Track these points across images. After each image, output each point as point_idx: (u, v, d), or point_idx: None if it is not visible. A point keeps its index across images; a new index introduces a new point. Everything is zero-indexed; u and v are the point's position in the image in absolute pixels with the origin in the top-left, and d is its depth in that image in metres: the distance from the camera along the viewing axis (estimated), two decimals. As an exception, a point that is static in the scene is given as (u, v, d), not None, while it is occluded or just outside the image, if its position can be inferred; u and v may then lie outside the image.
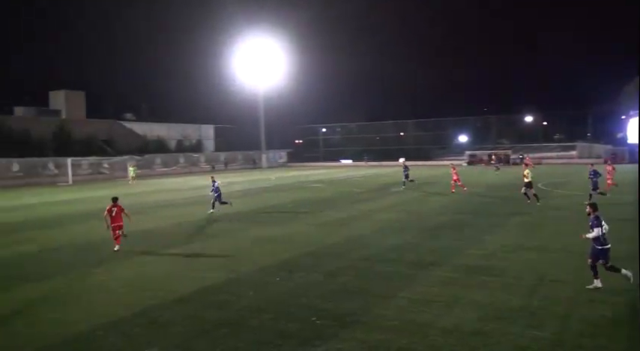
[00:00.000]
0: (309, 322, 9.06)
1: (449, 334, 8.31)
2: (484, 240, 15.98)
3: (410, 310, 9.54)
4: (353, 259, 13.86)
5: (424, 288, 10.92)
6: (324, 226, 19.82)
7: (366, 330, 8.58)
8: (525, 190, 24.05)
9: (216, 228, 19.90)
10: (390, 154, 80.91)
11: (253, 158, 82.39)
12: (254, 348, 8.02)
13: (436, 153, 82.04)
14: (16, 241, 18.39)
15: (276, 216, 22.95)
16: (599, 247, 10.44)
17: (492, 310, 9.40)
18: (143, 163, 65.12)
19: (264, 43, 74.75)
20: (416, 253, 14.28)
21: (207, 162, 75.78)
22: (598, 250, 10.44)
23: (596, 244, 10.48)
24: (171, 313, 9.81)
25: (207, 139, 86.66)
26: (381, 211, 23.62)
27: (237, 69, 77.98)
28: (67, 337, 8.74)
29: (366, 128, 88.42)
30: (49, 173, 54.96)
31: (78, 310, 10.18)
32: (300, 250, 15.16)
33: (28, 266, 14.27)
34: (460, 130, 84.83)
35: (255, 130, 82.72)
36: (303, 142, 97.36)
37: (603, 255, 10.43)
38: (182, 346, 8.21)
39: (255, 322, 9.13)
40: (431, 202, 26.58)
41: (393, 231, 18.06)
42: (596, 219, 10.55)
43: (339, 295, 10.62)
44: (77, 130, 64.33)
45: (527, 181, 24.05)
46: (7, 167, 51.74)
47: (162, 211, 26.08)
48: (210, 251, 15.58)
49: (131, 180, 49.41)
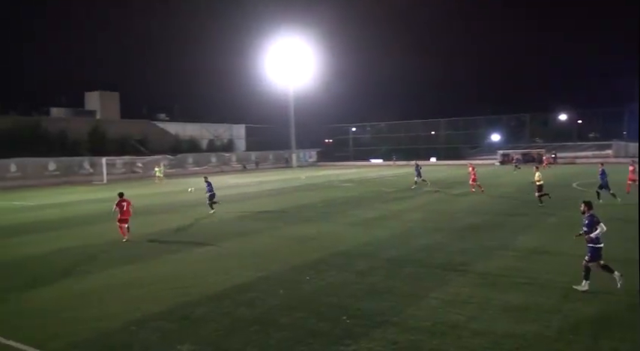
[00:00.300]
0: (339, 321, 9.06)
1: (481, 335, 8.21)
2: (517, 241, 15.72)
3: (441, 311, 9.45)
4: (383, 258, 13.80)
5: (455, 289, 10.81)
6: (354, 225, 19.78)
7: (397, 330, 8.53)
8: (539, 193, 23.97)
9: (247, 226, 20.06)
10: (420, 154, 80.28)
11: (285, 157, 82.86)
12: (285, 346, 8.07)
13: (468, 152, 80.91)
14: (54, 238, 18.89)
15: (306, 215, 23.01)
16: (593, 246, 10.34)
17: (525, 312, 9.25)
18: (176, 163, 66.18)
19: (294, 43, 75.05)
20: (447, 254, 14.13)
21: (238, 161, 76.49)
22: (593, 250, 10.34)
23: (591, 243, 10.37)
24: (202, 310, 9.94)
25: (238, 139, 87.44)
26: (411, 211, 23.45)
27: (267, 69, 78.54)
28: (102, 332, 8.94)
29: (396, 127, 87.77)
30: (84, 172, 56.26)
31: (112, 306, 10.40)
32: (330, 250, 15.17)
33: (65, 262, 14.62)
34: (492, 129, 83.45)
35: (286, 129, 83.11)
36: (333, 142, 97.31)
37: (597, 254, 10.35)
38: (214, 343, 8.31)
39: (286, 321, 9.18)
40: (462, 202, 26.26)
41: (424, 231, 17.92)
42: (591, 217, 10.44)
43: (370, 294, 10.59)
44: (112, 130, 65.66)
45: (538, 184, 23.99)
46: (44, 166, 53.17)
47: (194, 209, 26.41)
48: (241, 249, 15.71)
49: (157, 180, 50.20)
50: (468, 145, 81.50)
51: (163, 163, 56.40)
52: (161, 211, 25.87)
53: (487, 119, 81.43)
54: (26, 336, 8.83)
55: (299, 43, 75.23)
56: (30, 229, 21.01)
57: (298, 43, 75.16)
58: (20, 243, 17.95)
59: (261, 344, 8.16)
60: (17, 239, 18.75)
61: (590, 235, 10.34)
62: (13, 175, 50.51)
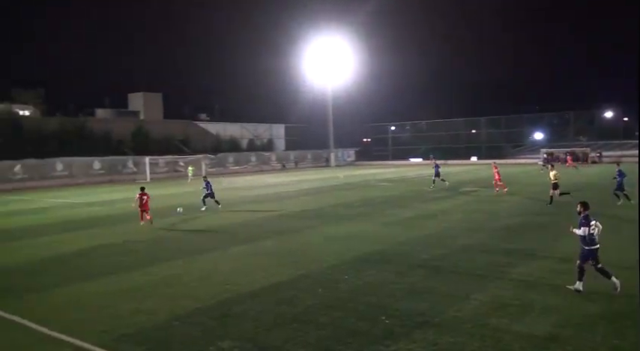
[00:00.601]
0: (378, 321, 9.04)
1: (523, 339, 8.04)
2: (561, 242, 15.30)
3: (482, 312, 9.30)
4: (423, 258, 13.68)
5: (497, 290, 10.62)
6: (393, 224, 19.67)
7: (437, 331, 8.45)
8: (553, 192, 23.85)
9: (286, 225, 20.20)
10: (460, 153, 79.15)
11: (324, 157, 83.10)
12: (324, 344, 8.10)
13: (510, 151, 79.23)
14: (98, 234, 19.47)
15: (344, 214, 23.01)
16: (586, 247, 10.25)
17: (569, 315, 9.01)
18: (216, 162, 67.24)
19: (333, 42, 75.09)
20: (488, 255, 13.90)
21: (277, 161, 77.10)
22: (586, 251, 10.24)
23: (583, 244, 10.26)
24: (243, 307, 10.08)
25: (277, 138, 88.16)
26: (451, 210, 23.15)
27: (306, 68, 78.87)
28: (145, 327, 9.17)
29: (436, 126, 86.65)
30: (128, 171, 57.81)
31: (154, 302, 10.65)
32: (368, 249, 15.14)
33: (111, 258, 15.07)
34: (535, 127, 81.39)
35: (324, 129, 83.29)
36: (371, 141, 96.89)
37: (592, 256, 10.21)
38: (253, 339, 8.41)
39: (325, 319, 9.21)
40: (504, 202, 25.75)
41: (465, 231, 17.67)
42: (585, 218, 10.31)
43: (409, 294, 10.52)
44: (154, 131, 67.20)
45: (553, 182, 24.02)
46: (89, 165, 54.87)
47: (234, 207, 26.78)
48: (280, 248, 15.85)
49: (190, 179, 51.11)
50: (510, 144, 79.73)
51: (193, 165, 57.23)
52: (202, 209, 26.30)
53: (529, 117, 79.47)
54: (72, 329, 9.15)
55: (338, 42, 75.24)
56: (76, 226, 21.73)
57: (337, 41, 75.17)
58: (66, 239, 18.58)
59: (300, 342, 8.22)
60: (62, 236, 19.42)
61: (575, 230, 10.44)
62: (60, 174, 52.39)
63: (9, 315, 10.06)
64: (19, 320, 9.78)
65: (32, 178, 49.77)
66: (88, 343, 8.46)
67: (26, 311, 10.24)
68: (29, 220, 24.68)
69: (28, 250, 16.76)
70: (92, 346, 8.35)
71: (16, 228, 22.01)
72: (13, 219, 25.14)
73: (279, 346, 8.12)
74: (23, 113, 66.95)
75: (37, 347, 8.49)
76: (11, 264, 14.82)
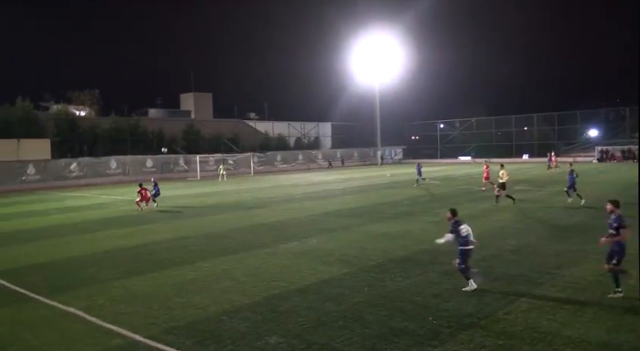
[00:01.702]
0: (425, 321, 8.97)
1: (574, 344, 7.82)
2: (617, 244, 14.74)
3: (533, 315, 9.09)
4: (471, 258, 13.43)
5: (548, 293, 10.35)
6: (441, 224, 19.35)
7: (485, 334, 8.32)
8: (499, 191, 23.81)
9: (332, 223, 20.26)
10: (511, 151, 77.20)
11: (374, 155, 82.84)
12: (369, 343, 8.11)
13: (563, 149, 76.68)
14: (152, 230, 20.07)
15: (390, 212, 22.88)
16: (460, 247, 10.67)
17: (623, 321, 8.69)
18: (265, 160, 68.10)
19: (380, 39, 74.62)
20: (538, 256, 13.55)
21: (324, 159, 77.30)
22: (460, 250, 10.67)
23: (458, 244, 10.70)
24: (290, 303, 10.20)
25: (324, 137, 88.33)
26: (501, 210, 22.65)
27: (354, 66, 78.70)
28: (194, 320, 9.42)
29: (486, 123, 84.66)
30: (179, 169, 59.24)
31: (205, 296, 10.91)
32: (415, 248, 15.02)
33: (163, 253, 15.52)
34: (589, 124, 78.38)
35: (371, 126, 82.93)
36: (419, 139, 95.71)
37: (463, 255, 10.65)
38: (300, 335, 8.51)
39: (371, 318, 9.21)
40: (555, 202, 24.99)
41: (514, 231, 17.27)
42: (454, 224, 10.77)
43: (457, 295, 10.38)
44: (205, 130, 68.59)
45: (501, 182, 23.85)
46: (142, 163, 56.56)
47: (282, 205, 27.06)
48: (327, 245, 15.92)
49: (220, 178, 51.65)
50: (562, 141, 77.10)
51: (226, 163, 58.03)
52: (250, 206, 26.72)
53: (583, 113, 76.50)
54: (122, 320, 9.51)
55: (385, 40, 74.70)
56: (129, 222, 22.47)
57: (384, 39, 74.65)
58: (120, 235, 19.23)
59: (346, 340, 8.26)
60: (117, 231, 20.09)
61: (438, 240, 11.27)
62: (114, 172, 54.20)
63: (65, 307, 10.53)
64: (74, 311, 10.23)
65: (87, 176, 51.70)
66: (138, 335, 8.77)
67: (81, 303, 10.69)
68: (85, 215, 25.67)
69: (84, 245, 17.45)
70: (142, 338, 8.66)
71: (72, 223, 22.93)
72: (70, 215, 26.20)
73: (325, 343, 8.18)
74: (79, 113, 69.59)
75: (88, 338, 8.84)
76: (68, 258, 15.47)
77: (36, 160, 48.74)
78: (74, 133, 56.70)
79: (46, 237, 19.39)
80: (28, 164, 47.97)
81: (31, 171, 48.10)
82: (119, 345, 8.46)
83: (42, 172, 48.72)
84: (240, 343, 8.29)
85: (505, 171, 24.67)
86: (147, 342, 8.49)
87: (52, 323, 9.63)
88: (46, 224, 22.97)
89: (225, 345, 8.25)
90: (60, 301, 10.92)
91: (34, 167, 48.22)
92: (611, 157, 65.23)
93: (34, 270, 14.06)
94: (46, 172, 49.03)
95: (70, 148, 55.92)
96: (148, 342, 8.49)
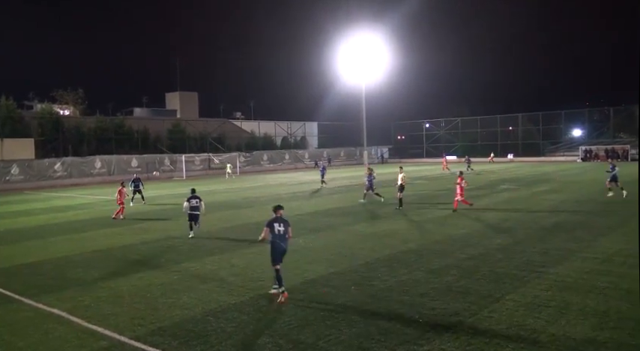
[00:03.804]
0: (412, 320, 9.00)
1: (559, 341, 7.90)
2: (600, 243, 14.94)
3: (518, 313, 9.16)
4: (457, 258, 13.54)
5: (534, 291, 10.44)
6: (428, 223, 19.52)
7: (472, 332, 8.37)
8: (400, 194, 23.88)
9: (319, 223, 20.26)
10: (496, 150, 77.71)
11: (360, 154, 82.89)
12: (356, 342, 8.12)
13: (547, 148, 77.37)
14: (139, 230, 19.91)
15: (378, 212, 22.94)
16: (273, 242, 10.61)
17: (607, 318, 8.80)
18: (251, 160, 67.88)
19: (366, 39, 74.66)
20: (524, 255, 13.66)
21: (311, 158, 77.26)
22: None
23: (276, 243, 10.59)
24: (276, 303, 10.17)
25: (311, 136, 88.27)
26: (487, 209, 22.82)
27: (340, 66, 78.71)
28: (180, 321, 9.37)
29: (471, 123, 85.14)
30: (164, 169, 58.81)
31: (191, 296, 10.85)
32: (402, 247, 15.06)
33: (148, 254, 15.40)
34: (574, 124, 79.16)
35: (358, 126, 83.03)
36: (405, 138, 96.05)
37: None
38: (287, 335, 8.49)
39: (358, 317, 9.22)
40: (541, 200, 25.24)
41: (501, 230, 17.40)
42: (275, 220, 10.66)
43: (443, 294, 10.43)
44: (190, 129, 68.21)
45: (399, 184, 24.06)
46: (127, 163, 56.11)
47: (269, 204, 26.91)
48: (314, 245, 15.91)
49: (227, 176, 53.19)
50: (547, 141, 77.76)
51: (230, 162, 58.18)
52: (237, 206, 26.63)
53: (567, 113, 77.15)
54: (110, 322, 9.42)
55: (372, 40, 74.76)
56: (116, 223, 22.26)
57: (371, 39, 74.71)
58: (106, 235, 19.07)
59: (333, 339, 8.26)
60: (103, 232, 19.93)
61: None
62: (99, 172, 53.69)
63: (49, 308, 10.41)
64: (58, 312, 10.11)
65: (72, 176, 51.14)
66: (124, 336, 8.70)
67: (66, 304, 10.58)
68: (70, 216, 25.41)
69: (69, 246, 17.26)
70: (127, 339, 8.58)
71: (57, 223, 22.69)
72: (55, 215, 25.92)
73: (312, 342, 8.17)
74: (63, 113, 68.82)
75: (73, 339, 8.74)
76: (53, 259, 15.29)
77: (20, 160, 48.14)
78: (58, 133, 56.09)
79: (32, 238, 19.16)
80: (11, 164, 47.36)
81: (15, 171, 47.47)
82: (105, 346, 8.37)
83: (26, 172, 48.10)
84: (226, 344, 8.25)
85: (404, 174, 24.85)
86: (133, 343, 8.42)
87: (37, 325, 9.50)
88: (31, 225, 22.69)
89: (211, 345, 8.21)
90: (45, 302, 10.80)
91: (18, 167, 47.59)
92: (595, 156, 65.99)
93: (19, 271, 13.87)
94: (30, 172, 48.42)
95: (54, 148, 55.32)
96: (134, 343, 8.41)
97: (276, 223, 10.63)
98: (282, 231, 10.63)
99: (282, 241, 10.62)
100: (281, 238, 10.61)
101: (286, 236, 10.72)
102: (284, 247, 10.66)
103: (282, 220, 10.72)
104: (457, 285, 11.04)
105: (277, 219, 10.71)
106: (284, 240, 10.64)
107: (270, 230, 10.64)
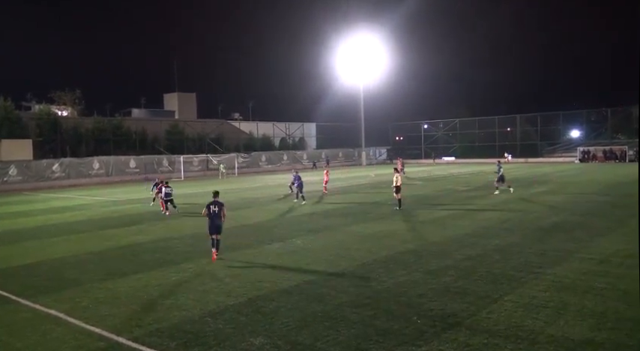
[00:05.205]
0: (410, 321, 9.00)
1: (557, 342, 7.90)
2: (598, 243, 14.96)
3: (516, 314, 9.17)
4: (455, 258, 13.55)
5: (532, 292, 10.45)
6: (426, 223, 19.53)
7: (470, 333, 8.37)
8: (398, 196, 24.01)
9: (318, 223, 20.27)
10: (495, 151, 77.78)
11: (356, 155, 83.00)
12: (354, 343, 8.12)
13: (545, 149, 77.45)
14: (136, 231, 19.89)
15: (376, 212, 22.95)
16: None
17: (605, 319, 8.80)
18: (250, 161, 67.89)
19: (364, 40, 74.79)
20: (522, 255, 13.68)
21: (309, 159, 77.24)
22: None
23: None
24: (275, 304, 10.17)
25: (309, 137, 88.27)
26: (485, 209, 22.85)
27: (338, 67, 78.81)
28: (178, 322, 9.35)
29: (469, 124, 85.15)
30: (163, 170, 58.69)
31: (189, 297, 10.83)
32: (400, 248, 15.07)
33: (146, 255, 15.39)
34: (572, 125, 79.22)
35: (356, 127, 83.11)
36: (404, 139, 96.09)
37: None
38: (285, 336, 8.49)
39: (355, 318, 9.22)
40: (539, 202, 25.29)
41: (498, 231, 17.41)
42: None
43: (441, 295, 10.44)
44: (189, 130, 68.17)
45: (395, 185, 24.16)
46: (125, 163, 56.05)
47: (267, 205, 27.00)
48: (312, 246, 15.92)
49: (221, 176, 53.72)
50: (545, 142, 77.82)
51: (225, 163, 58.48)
52: (236, 207, 26.60)
53: (565, 114, 77.22)
54: (108, 323, 9.40)
55: (370, 41, 74.90)
56: (114, 224, 22.24)
57: (369, 40, 74.83)
58: (104, 236, 19.05)
59: (330, 340, 8.26)
60: (101, 232, 19.90)
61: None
62: (97, 172, 53.63)
63: (47, 309, 10.39)
64: (56, 313, 10.09)
65: (70, 177, 51.04)
66: (122, 337, 8.68)
67: (64, 305, 10.56)
68: (69, 217, 25.38)
69: (67, 247, 17.23)
70: (125, 340, 8.57)
71: (55, 224, 22.66)
72: (54, 216, 25.89)
73: (310, 343, 8.17)
74: (61, 113, 68.72)
75: (71, 340, 8.72)
76: (51, 260, 15.26)
77: (18, 161, 48.05)
78: (56, 134, 55.98)
79: (29, 238, 19.13)
80: (9, 165, 47.26)
81: (13, 172, 47.38)
82: (102, 347, 8.36)
83: (24, 173, 48.00)
84: (224, 345, 8.24)
85: (400, 175, 25.05)
86: (130, 344, 8.41)
87: (35, 326, 9.48)
88: (29, 226, 22.66)
89: (209, 346, 8.20)
90: (42, 303, 10.78)
91: (16, 168, 47.49)
92: (593, 157, 66.09)
93: (16, 272, 13.85)
94: (28, 173, 48.30)
95: (52, 149, 55.23)
96: (132, 344, 8.40)
97: (212, 205, 14.22)
98: (216, 211, 14.19)
99: (216, 218, 14.18)
100: (216, 216, 14.18)
101: (221, 214, 14.21)
102: (217, 223, 14.19)
103: (218, 203, 14.27)
104: (455, 286, 11.05)
105: (214, 202, 14.27)
106: (218, 218, 14.18)
107: (207, 210, 14.23)
